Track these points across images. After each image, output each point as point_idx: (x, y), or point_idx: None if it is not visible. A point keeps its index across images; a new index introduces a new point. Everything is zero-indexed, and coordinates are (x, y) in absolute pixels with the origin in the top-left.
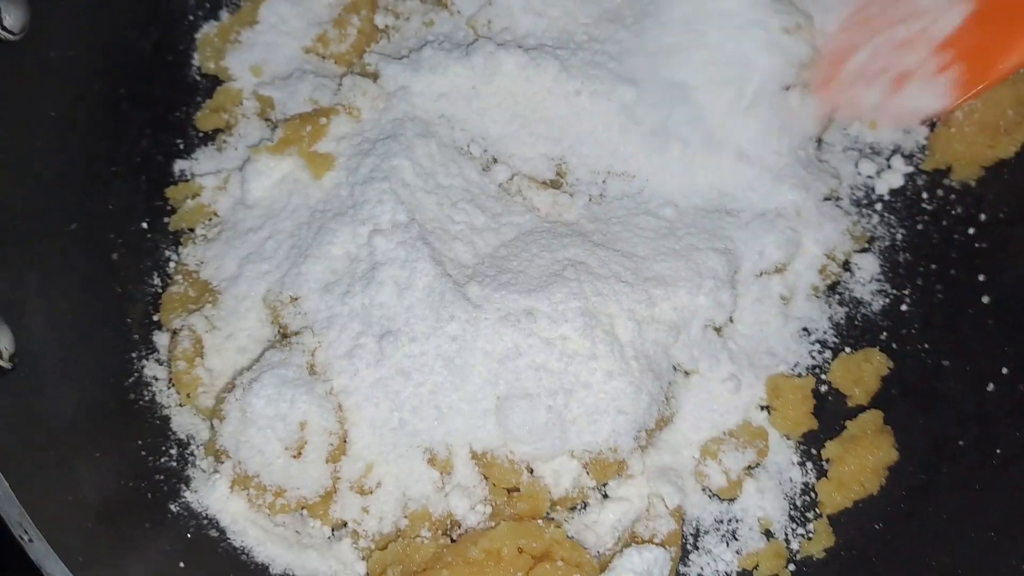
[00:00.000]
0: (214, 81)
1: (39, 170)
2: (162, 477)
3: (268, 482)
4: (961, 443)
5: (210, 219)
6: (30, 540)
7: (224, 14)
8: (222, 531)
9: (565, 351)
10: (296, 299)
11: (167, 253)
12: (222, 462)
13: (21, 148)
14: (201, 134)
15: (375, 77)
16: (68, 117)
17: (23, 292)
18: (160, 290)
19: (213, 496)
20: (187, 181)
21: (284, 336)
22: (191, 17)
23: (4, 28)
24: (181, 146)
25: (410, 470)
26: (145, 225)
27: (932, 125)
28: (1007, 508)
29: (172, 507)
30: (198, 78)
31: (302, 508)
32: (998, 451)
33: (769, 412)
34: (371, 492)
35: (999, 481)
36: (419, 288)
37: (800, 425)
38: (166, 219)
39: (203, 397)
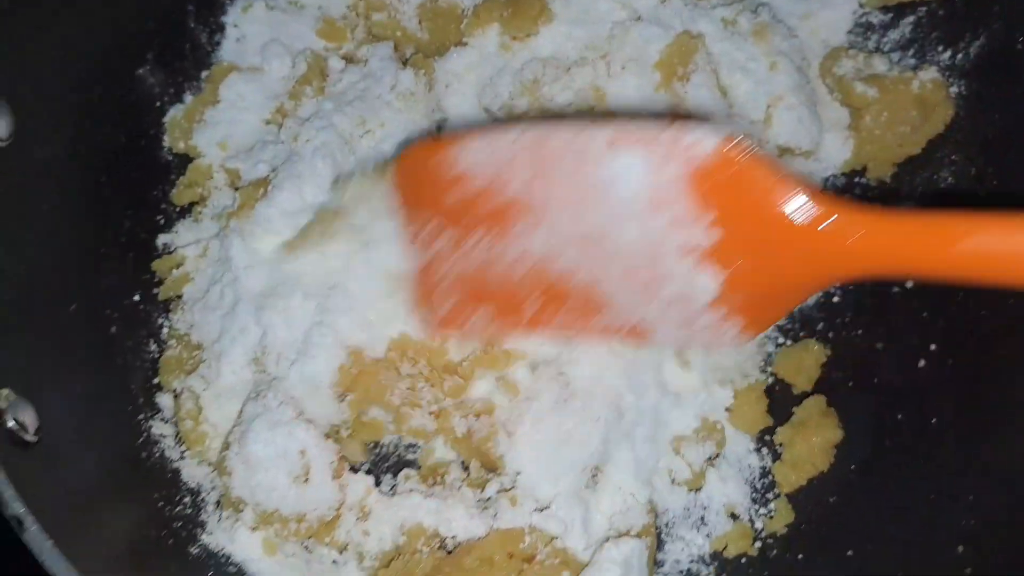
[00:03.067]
0: (185, 159)
1: (39, 260)
2: (179, 524)
3: (287, 512)
4: (899, 417)
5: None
6: None
7: (188, 96)
8: (239, 567)
9: None
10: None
11: (160, 320)
12: (241, 511)
13: (21, 243)
14: (178, 209)
15: None
16: (58, 210)
17: (40, 372)
18: (157, 355)
19: (238, 541)
20: (170, 253)
21: (257, 389)
22: (158, 103)
23: None
24: (161, 222)
25: None
26: (137, 298)
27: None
28: (944, 473)
29: (192, 550)
30: (170, 158)
31: (323, 529)
32: (933, 421)
33: (728, 412)
34: (370, 514)
35: (935, 449)
36: None
37: (757, 423)
38: (155, 290)
39: (211, 452)
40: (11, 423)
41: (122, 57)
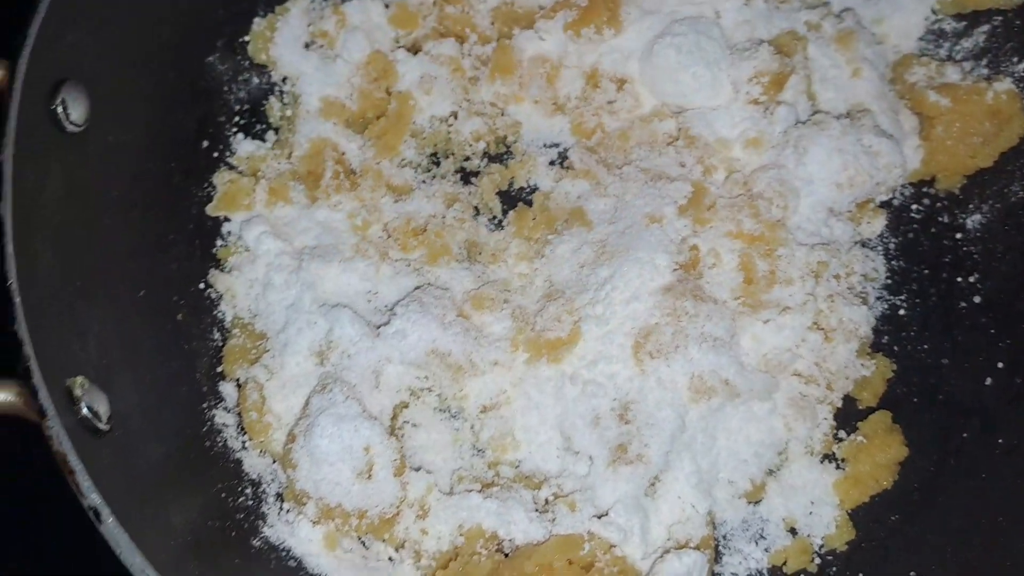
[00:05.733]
0: None
1: (110, 246)
2: (241, 516)
3: (350, 508)
4: (965, 435)
5: None
6: None
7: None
8: (299, 561)
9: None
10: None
11: (224, 309)
12: (304, 504)
13: (93, 228)
14: None
15: None
16: (129, 195)
17: (110, 360)
18: (221, 344)
19: (299, 535)
20: (236, 240)
21: (323, 382)
22: (226, 89)
23: (70, 121)
24: None
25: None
26: (202, 285)
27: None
28: (1011, 494)
29: (254, 542)
30: None
31: (383, 525)
32: (1000, 440)
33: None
34: (429, 512)
35: (1002, 469)
36: None
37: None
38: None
39: (274, 443)
40: (85, 411)
41: (193, 45)
